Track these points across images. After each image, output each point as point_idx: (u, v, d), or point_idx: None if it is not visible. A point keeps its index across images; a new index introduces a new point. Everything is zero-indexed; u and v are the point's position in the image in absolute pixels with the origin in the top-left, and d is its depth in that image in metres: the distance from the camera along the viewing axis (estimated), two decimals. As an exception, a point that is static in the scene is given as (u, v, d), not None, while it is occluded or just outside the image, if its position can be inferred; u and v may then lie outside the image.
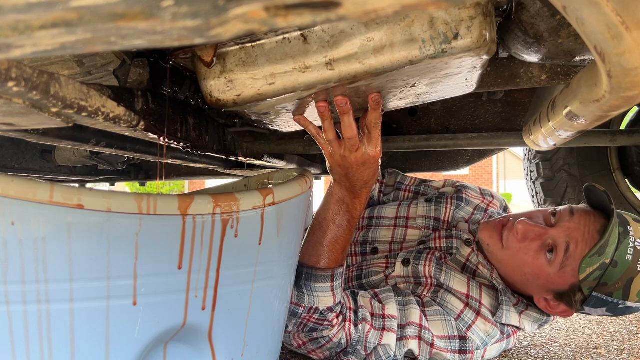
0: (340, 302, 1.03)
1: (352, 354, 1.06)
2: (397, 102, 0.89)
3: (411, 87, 0.79)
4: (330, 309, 1.01)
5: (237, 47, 0.68)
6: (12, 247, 0.57)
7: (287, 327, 1.02)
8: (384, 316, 1.06)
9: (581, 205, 1.12)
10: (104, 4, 0.20)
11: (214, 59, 0.69)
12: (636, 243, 1.01)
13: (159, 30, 0.22)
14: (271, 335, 0.88)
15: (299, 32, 0.66)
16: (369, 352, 1.05)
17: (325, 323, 1.01)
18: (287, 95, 0.70)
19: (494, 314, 1.11)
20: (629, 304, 1.02)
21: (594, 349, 1.35)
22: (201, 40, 0.23)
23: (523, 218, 1.11)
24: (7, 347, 0.58)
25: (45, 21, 0.21)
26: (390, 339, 1.04)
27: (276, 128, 0.96)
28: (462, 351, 1.07)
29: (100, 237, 0.61)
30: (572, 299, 1.06)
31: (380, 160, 0.93)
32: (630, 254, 0.99)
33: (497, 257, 1.15)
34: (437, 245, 1.27)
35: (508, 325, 1.13)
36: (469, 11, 0.62)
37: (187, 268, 0.68)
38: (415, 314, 1.08)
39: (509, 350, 1.28)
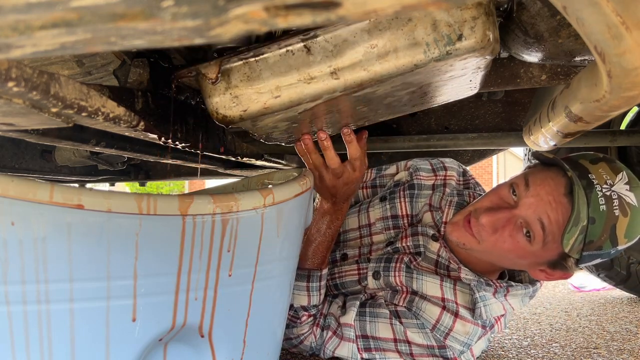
0: (316, 306, 1.13)
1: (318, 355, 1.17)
2: (402, 107, 0.89)
3: (416, 91, 0.79)
4: (304, 308, 1.12)
5: (240, 62, 0.68)
6: (12, 247, 0.57)
7: None
8: (339, 324, 1.14)
9: (535, 168, 1.07)
10: (104, 4, 0.20)
11: (219, 75, 0.69)
12: (604, 189, 0.96)
13: (159, 30, 0.22)
14: (271, 335, 0.88)
15: (302, 44, 0.66)
16: (326, 357, 1.15)
17: (298, 321, 1.13)
18: (293, 107, 0.70)
19: (473, 311, 1.09)
20: (620, 247, 1.00)
21: (594, 349, 1.36)
22: (201, 40, 0.23)
23: (484, 212, 1.06)
24: (7, 347, 0.58)
25: (45, 21, 0.21)
26: (345, 348, 1.12)
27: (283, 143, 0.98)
28: (445, 358, 1.08)
29: (100, 237, 0.61)
30: (564, 265, 1.04)
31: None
32: (602, 204, 0.96)
33: (477, 251, 1.11)
34: (404, 244, 1.23)
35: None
36: (471, 11, 0.62)
37: (187, 268, 0.68)
38: (384, 327, 1.10)
39: (508, 350, 1.28)
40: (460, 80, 0.78)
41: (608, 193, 0.97)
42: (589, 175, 0.98)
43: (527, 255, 1.05)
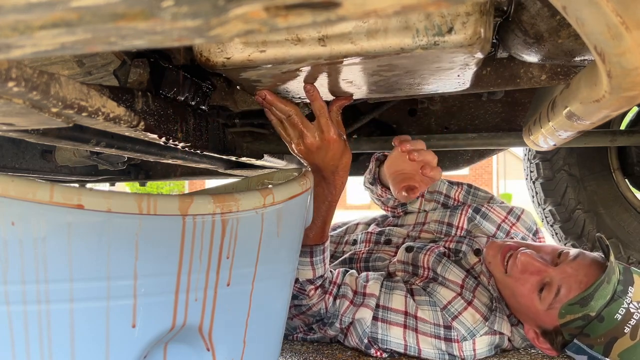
0: (321, 276, 1.12)
1: (329, 325, 1.17)
2: (389, 89, 0.89)
3: (403, 75, 0.79)
4: (310, 281, 1.11)
5: None
6: (12, 247, 0.57)
7: None
8: (364, 294, 1.16)
9: (594, 254, 1.11)
10: (104, 4, 0.20)
11: None
12: (631, 305, 0.99)
13: (159, 30, 0.22)
14: (271, 335, 0.88)
15: None
16: (343, 326, 1.15)
17: (305, 294, 1.12)
18: (276, 65, 0.70)
19: (483, 314, 1.13)
20: None
21: (594, 349, 1.35)
22: (201, 40, 0.23)
23: (527, 250, 1.11)
24: (7, 347, 0.58)
25: (45, 21, 0.21)
26: (364, 313, 1.13)
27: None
28: (447, 339, 1.10)
29: (100, 237, 0.61)
30: (554, 339, 1.08)
31: (341, 143, 0.96)
32: (620, 314, 0.98)
33: (496, 278, 1.17)
34: (447, 245, 1.31)
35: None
36: (465, 7, 0.62)
37: (187, 268, 0.68)
38: (399, 300, 1.14)
39: (508, 351, 1.28)
40: (448, 74, 0.79)
41: (632, 310, 0.99)
42: (630, 287, 1.01)
43: (531, 309, 1.09)
